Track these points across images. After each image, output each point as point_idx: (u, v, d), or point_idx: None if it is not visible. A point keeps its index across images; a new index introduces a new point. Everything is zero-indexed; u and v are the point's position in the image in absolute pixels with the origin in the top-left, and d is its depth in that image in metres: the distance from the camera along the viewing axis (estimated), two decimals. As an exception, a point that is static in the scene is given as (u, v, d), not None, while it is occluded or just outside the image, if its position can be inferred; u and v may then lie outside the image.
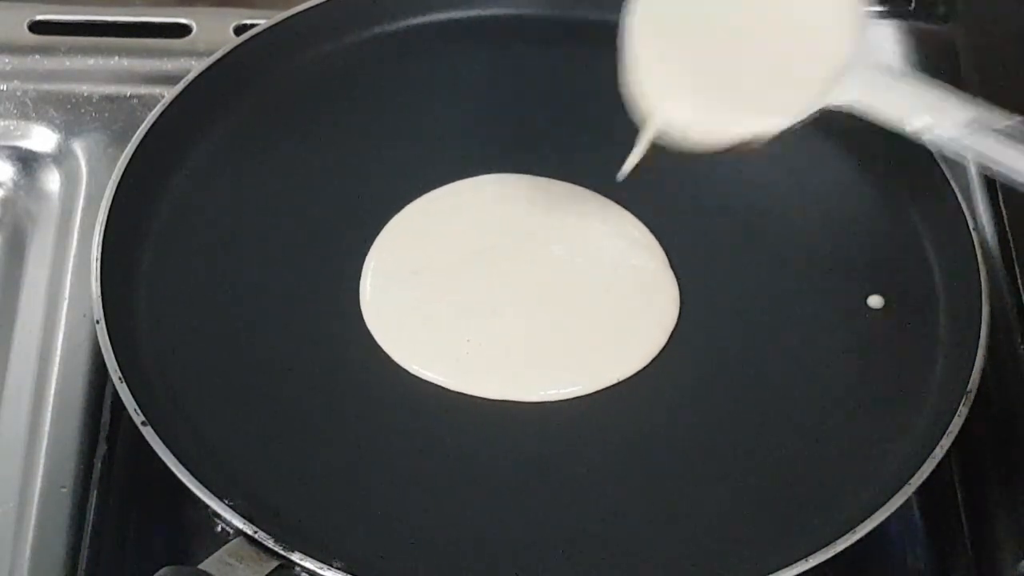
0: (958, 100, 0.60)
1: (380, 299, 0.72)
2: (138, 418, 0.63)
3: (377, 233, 0.74)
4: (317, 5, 0.81)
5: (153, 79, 0.83)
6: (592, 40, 0.82)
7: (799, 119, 0.64)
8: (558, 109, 0.79)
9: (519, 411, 0.68)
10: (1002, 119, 0.60)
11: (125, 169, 0.72)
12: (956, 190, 0.73)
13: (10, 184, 0.81)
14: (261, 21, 0.80)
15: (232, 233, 0.74)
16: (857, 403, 0.68)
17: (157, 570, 0.58)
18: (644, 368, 0.70)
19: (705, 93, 0.65)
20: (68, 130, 0.81)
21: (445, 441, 0.67)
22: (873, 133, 0.77)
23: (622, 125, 0.77)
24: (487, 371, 0.69)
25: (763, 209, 0.76)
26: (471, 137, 0.78)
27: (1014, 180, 0.59)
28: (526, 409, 0.68)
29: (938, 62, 0.85)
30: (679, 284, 0.72)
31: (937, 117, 0.60)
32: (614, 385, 0.69)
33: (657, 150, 0.67)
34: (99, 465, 0.68)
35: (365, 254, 0.73)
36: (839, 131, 0.78)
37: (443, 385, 0.68)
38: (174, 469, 0.62)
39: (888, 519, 0.62)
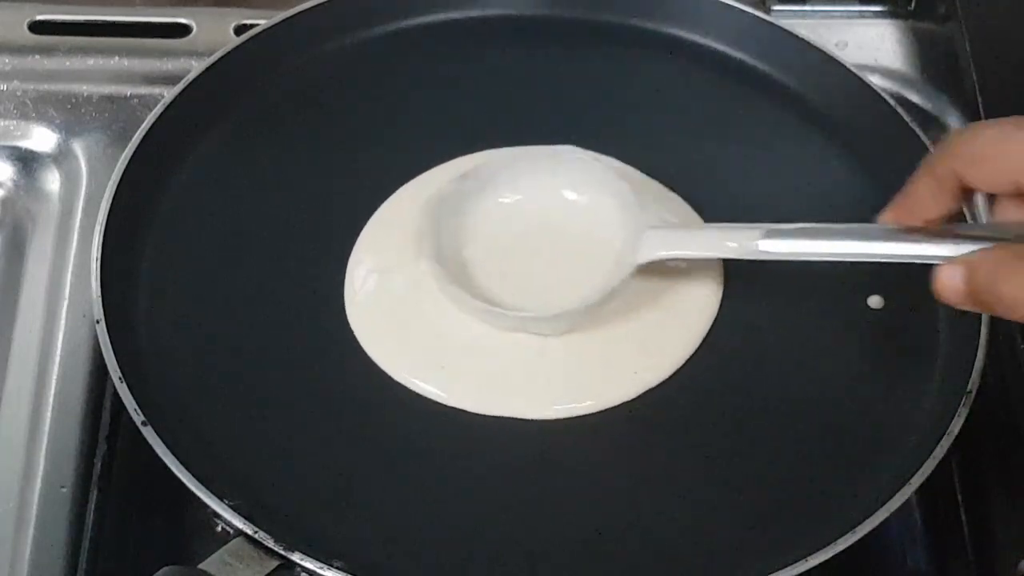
0: (745, 226, 0.66)
1: (365, 303, 0.70)
2: (138, 418, 0.63)
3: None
4: (317, 5, 0.81)
5: (153, 79, 0.83)
6: (593, 40, 0.82)
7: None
8: (559, 109, 0.79)
9: (517, 421, 0.68)
10: (788, 225, 0.66)
11: (125, 169, 0.72)
12: (956, 190, 0.73)
13: (10, 184, 0.81)
14: (261, 21, 0.80)
15: (232, 233, 0.73)
16: (857, 403, 0.68)
17: (157, 570, 0.58)
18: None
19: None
20: (68, 130, 0.81)
21: (444, 443, 0.67)
22: (873, 133, 0.77)
23: (623, 124, 0.78)
24: (480, 386, 0.68)
25: (762, 209, 0.76)
26: (472, 136, 0.78)
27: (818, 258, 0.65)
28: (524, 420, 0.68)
29: (938, 62, 0.85)
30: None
31: (735, 241, 0.67)
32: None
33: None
34: (99, 465, 0.68)
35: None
36: (839, 131, 0.78)
37: (436, 400, 0.68)
38: (174, 469, 0.62)
39: (888, 519, 0.62)
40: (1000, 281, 0.55)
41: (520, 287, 0.69)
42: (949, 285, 0.57)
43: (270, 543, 0.60)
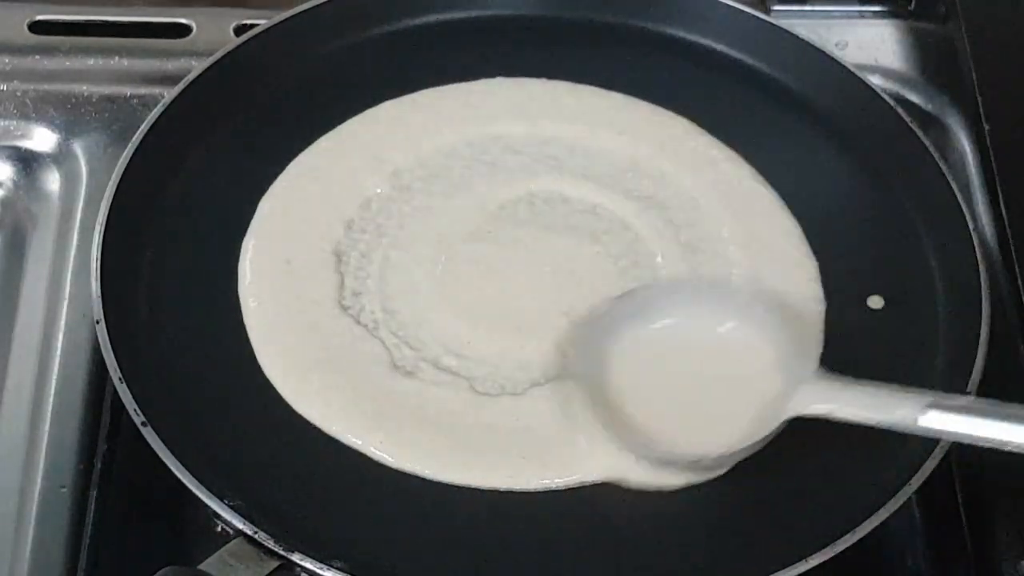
0: (909, 391, 0.62)
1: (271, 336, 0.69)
2: (138, 418, 0.63)
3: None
4: (317, 5, 0.81)
5: (153, 79, 0.83)
6: (593, 41, 0.82)
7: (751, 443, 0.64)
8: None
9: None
10: (955, 399, 0.62)
11: (125, 169, 0.72)
12: (956, 190, 0.73)
13: (10, 184, 0.81)
14: (261, 21, 0.80)
15: (232, 233, 0.73)
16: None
17: (157, 570, 0.58)
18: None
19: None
20: (68, 130, 0.81)
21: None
22: (873, 133, 0.77)
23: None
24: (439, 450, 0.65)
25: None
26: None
27: (984, 444, 0.60)
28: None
29: (938, 62, 0.85)
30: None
31: (896, 409, 0.62)
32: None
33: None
34: (99, 465, 0.68)
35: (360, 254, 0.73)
36: (839, 131, 0.78)
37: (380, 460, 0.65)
38: (174, 469, 0.62)
39: (888, 519, 0.62)
40: None
41: (662, 419, 0.65)
42: None
43: (270, 543, 0.60)
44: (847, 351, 0.70)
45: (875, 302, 0.71)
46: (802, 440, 0.67)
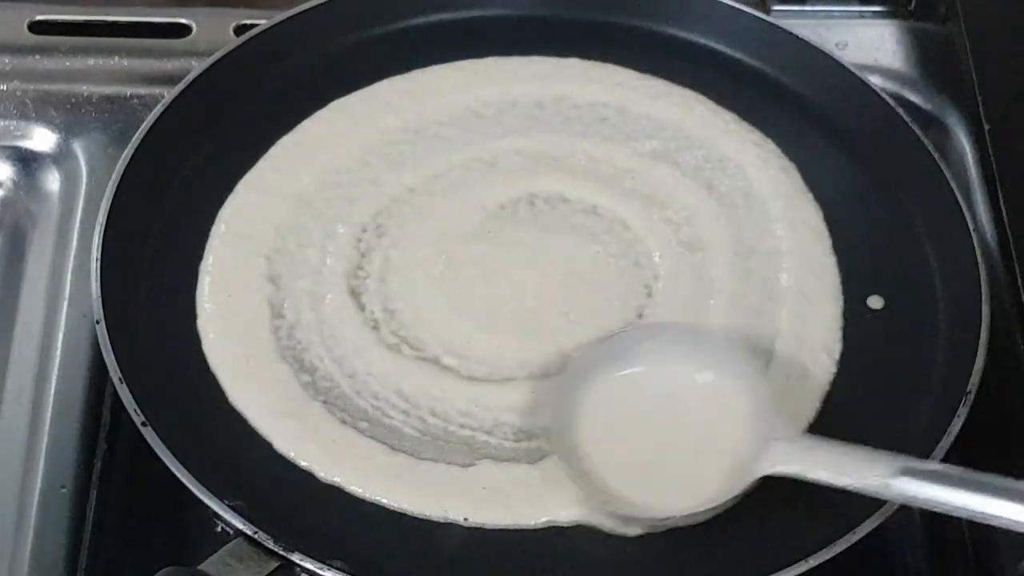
0: (880, 455, 0.61)
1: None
2: (138, 418, 0.63)
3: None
4: (317, 5, 0.81)
5: (153, 79, 0.83)
6: (593, 41, 0.82)
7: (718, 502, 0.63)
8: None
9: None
10: (928, 464, 0.61)
11: (125, 169, 0.72)
12: (956, 190, 0.73)
13: (10, 184, 0.81)
14: (261, 21, 0.80)
15: (232, 233, 0.74)
16: (857, 403, 0.68)
17: (157, 570, 0.58)
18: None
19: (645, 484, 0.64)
20: (68, 130, 0.81)
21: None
22: (873, 133, 0.77)
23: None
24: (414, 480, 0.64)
25: (764, 209, 0.76)
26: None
27: (947, 512, 0.59)
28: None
29: (938, 62, 0.85)
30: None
31: (863, 472, 0.60)
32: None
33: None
34: (99, 465, 0.68)
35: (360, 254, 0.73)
36: (839, 131, 0.78)
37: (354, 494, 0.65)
38: (174, 469, 0.62)
39: (888, 519, 0.62)
40: None
41: (630, 475, 0.63)
42: None
43: (270, 543, 0.60)
44: (847, 351, 0.70)
45: (875, 302, 0.71)
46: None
